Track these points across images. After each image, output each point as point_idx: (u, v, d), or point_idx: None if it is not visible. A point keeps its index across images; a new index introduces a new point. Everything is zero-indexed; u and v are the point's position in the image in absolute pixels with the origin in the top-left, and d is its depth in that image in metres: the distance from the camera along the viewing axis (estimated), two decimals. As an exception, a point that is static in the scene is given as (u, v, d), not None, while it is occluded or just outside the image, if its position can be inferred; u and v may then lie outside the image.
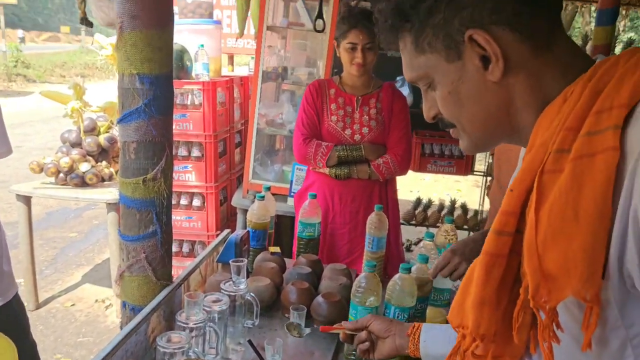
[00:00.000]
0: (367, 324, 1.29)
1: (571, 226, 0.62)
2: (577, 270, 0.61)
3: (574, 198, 0.62)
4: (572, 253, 0.61)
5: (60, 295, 4.03)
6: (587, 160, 0.62)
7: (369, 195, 2.45)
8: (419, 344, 1.19)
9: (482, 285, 0.72)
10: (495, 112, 0.78)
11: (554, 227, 0.63)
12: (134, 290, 1.62)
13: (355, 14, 2.34)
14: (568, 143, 0.65)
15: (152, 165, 1.57)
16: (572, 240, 0.61)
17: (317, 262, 1.97)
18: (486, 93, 0.77)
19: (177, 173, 3.59)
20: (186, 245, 3.80)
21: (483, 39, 0.73)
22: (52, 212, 5.99)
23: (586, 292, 0.61)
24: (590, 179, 0.61)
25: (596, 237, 0.60)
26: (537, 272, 0.65)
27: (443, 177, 7.58)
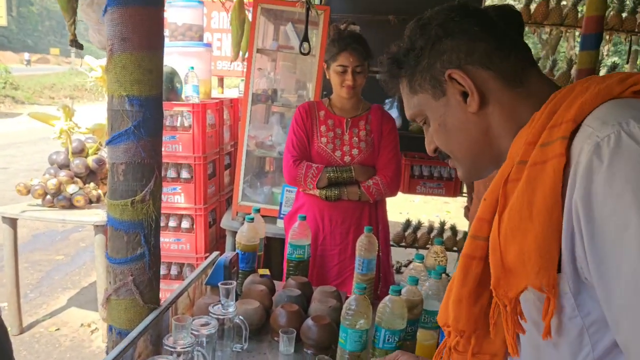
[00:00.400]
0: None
1: (526, 223, 0.71)
2: (531, 262, 0.70)
3: (528, 199, 0.71)
4: (527, 247, 0.70)
5: (45, 320, 3.96)
6: (539, 166, 0.72)
7: (359, 217, 2.45)
8: None
9: (460, 284, 0.82)
10: (477, 139, 0.89)
11: (512, 225, 0.73)
12: (120, 314, 1.59)
13: (345, 37, 2.36)
14: (527, 155, 0.75)
15: (141, 187, 1.56)
16: (527, 236, 0.71)
17: (306, 284, 1.96)
18: (468, 123, 0.88)
19: (166, 195, 3.57)
20: (174, 267, 3.77)
21: (459, 77, 0.86)
22: (38, 234, 5.92)
23: (540, 282, 0.69)
24: (542, 182, 0.71)
25: (547, 231, 0.69)
26: (499, 266, 0.74)
27: (432, 198, 7.61)
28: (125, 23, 1.53)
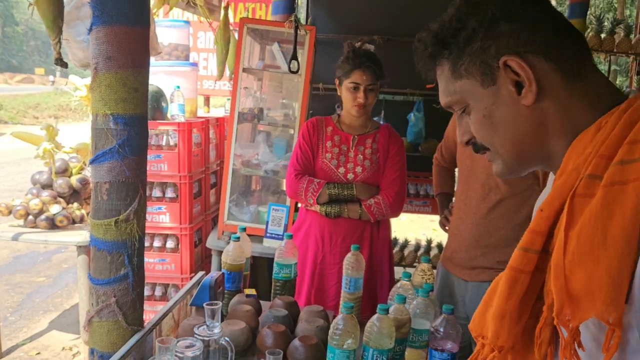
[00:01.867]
0: None
1: (599, 250, 0.65)
2: (601, 294, 0.64)
3: (603, 223, 0.65)
4: (598, 276, 0.64)
5: (25, 344, 3.87)
6: (618, 187, 0.65)
7: (359, 236, 2.43)
8: None
9: (505, 299, 0.75)
10: (527, 136, 0.82)
11: (582, 249, 0.66)
12: (103, 337, 1.56)
13: (360, 54, 2.37)
14: (601, 170, 0.68)
15: (125, 206, 1.54)
16: (599, 264, 0.64)
17: (293, 304, 1.94)
18: (519, 118, 0.81)
19: (150, 214, 3.54)
20: (159, 288, 3.71)
21: (517, 65, 0.78)
22: (19, 256, 5.81)
23: (609, 314, 0.63)
24: (621, 206, 0.64)
25: (622, 262, 0.63)
26: (563, 291, 0.67)
27: (419, 216, 7.61)
28: (110, 42, 1.52)
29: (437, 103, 3.71)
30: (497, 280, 0.79)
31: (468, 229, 2.18)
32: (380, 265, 2.50)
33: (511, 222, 2.11)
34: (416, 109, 4.21)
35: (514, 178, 2.08)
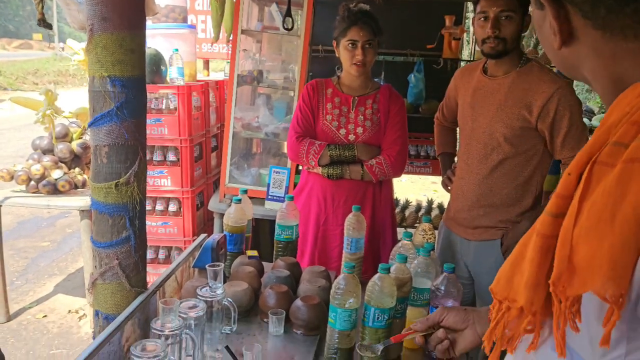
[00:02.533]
0: (440, 319, 1.20)
1: (605, 227, 0.62)
2: (601, 271, 0.62)
3: (614, 200, 0.62)
4: (600, 253, 0.62)
5: (32, 307, 3.93)
6: (638, 165, 0.62)
7: (362, 197, 2.43)
8: None
9: (538, 266, 0.73)
10: (563, 66, 0.81)
11: (590, 223, 0.64)
12: (107, 298, 1.58)
13: (355, 12, 2.33)
14: (628, 138, 0.65)
15: (125, 169, 1.53)
16: (603, 242, 0.62)
17: (295, 265, 1.95)
18: (552, 50, 0.79)
19: (152, 178, 3.54)
20: (162, 251, 3.74)
21: (549, 8, 0.75)
22: (23, 221, 5.85)
23: (606, 291, 0.62)
24: (636, 185, 0.61)
25: (627, 244, 0.61)
26: (565, 261, 0.66)
27: (419, 178, 7.63)
28: (105, 3, 1.50)
29: (437, 64, 3.67)
30: (524, 244, 0.77)
31: (470, 189, 2.17)
32: (383, 226, 2.51)
33: (514, 181, 2.10)
34: (416, 69, 4.16)
35: (516, 138, 2.06)
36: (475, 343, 1.18)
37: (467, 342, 1.18)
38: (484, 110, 2.12)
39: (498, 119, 2.07)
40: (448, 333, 1.20)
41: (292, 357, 1.55)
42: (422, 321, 1.22)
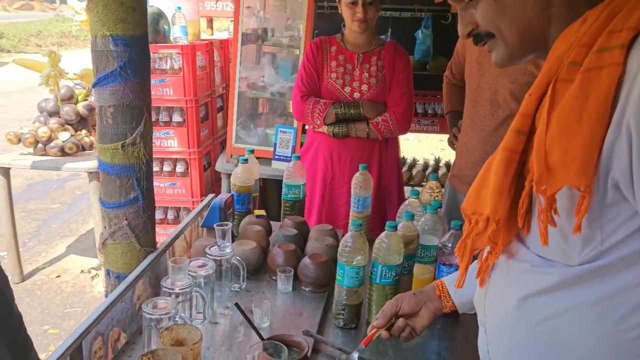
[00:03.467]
0: (397, 310, 1.28)
1: (575, 127, 0.74)
2: (575, 164, 0.73)
3: (580, 103, 0.73)
4: (573, 149, 0.74)
5: (45, 267, 4.00)
6: (594, 72, 0.73)
7: (368, 155, 2.42)
8: (451, 298, 1.24)
9: (502, 177, 0.84)
10: (532, 20, 0.86)
11: (560, 127, 0.75)
12: (117, 258, 1.60)
13: None
14: (581, 57, 0.75)
15: (131, 130, 1.53)
16: (574, 139, 0.74)
17: (303, 223, 1.96)
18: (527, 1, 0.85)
19: (159, 139, 3.54)
20: (171, 212, 3.77)
21: None
22: (33, 183, 5.90)
23: (580, 182, 0.73)
24: (596, 88, 0.72)
25: (593, 138, 0.72)
26: (542, 164, 0.77)
27: (427, 136, 7.59)
28: (104, -42, 1.46)
29: (445, 19, 3.58)
30: (490, 162, 0.89)
31: (476, 146, 2.16)
32: (390, 184, 2.51)
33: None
34: (424, 25, 4.07)
35: (522, 94, 2.03)
36: (432, 318, 1.29)
37: (424, 321, 1.29)
38: (491, 66, 2.09)
39: (504, 74, 2.03)
40: (407, 319, 1.29)
41: (300, 313, 1.57)
42: (381, 316, 1.29)
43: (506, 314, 0.90)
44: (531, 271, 0.86)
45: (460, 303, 1.25)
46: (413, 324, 1.29)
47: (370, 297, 1.51)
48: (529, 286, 0.86)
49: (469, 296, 1.20)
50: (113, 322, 1.36)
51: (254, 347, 1.16)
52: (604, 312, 0.79)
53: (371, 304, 1.51)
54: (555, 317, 0.83)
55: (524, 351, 0.88)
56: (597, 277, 0.79)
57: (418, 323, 1.29)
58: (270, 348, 1.17)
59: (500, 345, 0.94)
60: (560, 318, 0.83)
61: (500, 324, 0.93)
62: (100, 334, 1.30)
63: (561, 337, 0.83)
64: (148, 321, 1.26)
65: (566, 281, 0.81)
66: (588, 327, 0.80)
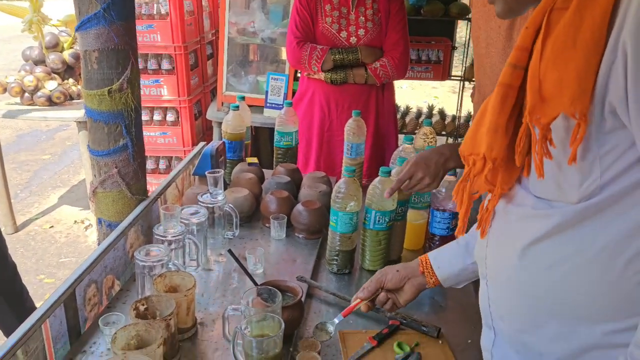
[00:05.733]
0: (381, 285, 1.26)
1: (570, 52, 0.72)
2: (569, 90, 0.72)
3: (575, 29, 0.72)
4: (567, 75, 0.72)
5: (38, 218, 4.00)
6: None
7: (365, 101, 2.39)
8: (435, 274, 1.22)
9: (497, 113, 0.82)
10: None
11: (555, 54, 0.74)
12: (108, 206, 1.58)
13: None
14: None
15: (117, 75, 1.48)
16: (568, 64, 0.72)
17: (295, 170, 1.95)
18: None
19: (148, 87, 3.47)
20: (163, 161, 3.75)
21: None
22: (22, 134, 5.82)
23: (575, 109, 0.72)
24: (591, 13, 0.71)
25: (589, 62, 0.71)
26: (536, 93, 0.76)
27: (420, 84, 7.51)
28: None
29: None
30: (487, 102, 0.86)
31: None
32: (387, 130, 2.49)
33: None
34: (419, -33, 3.94)
35: None
36: (416, 293, 1.26)
37: (408, 295, 1.26)
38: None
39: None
40: (389, 293, 1.27)
41: (294, 259, 1.58)
42: (365, 290, 1.26)
43: (508, 265, 0.89)
44: (531, 215, 0.84)
45: (443, 277, 1.22)
46: (397, 297, 1.27)
47: (363, 243, 1.51)
48: (529, 232, 0.84)
49: (452, 270, 1.21)
50: (106, 270, 1.36)
51: (248, 292, 1.16)
52: (609, 255, 0.77)
53: (364, 250, 1.52)
54: (559, 263, 0.82)
55: (528, 302, 0.87)
56: (599, 215, 0.77)
57: (402, 297, 1.26)
58: (265, 293, 1.17)
59: (502, 298, 0.93)
60: (565, 264, 0.81)
61: (502, 275, 0.92)
62: (93, 282, 1.29)
63: (567, 285, 0.82)
64: (141, 268, 1.26)
65: (567, 222, 0.80)
66: (593, 272, 0.79)
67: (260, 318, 1.09)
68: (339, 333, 1.26)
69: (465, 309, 1.41)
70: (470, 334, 1.29)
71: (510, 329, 0.92)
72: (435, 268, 1.22)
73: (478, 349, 1.24)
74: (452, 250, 1.22)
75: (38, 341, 1.08)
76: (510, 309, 0.91)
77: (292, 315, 1.21)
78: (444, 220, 1.58)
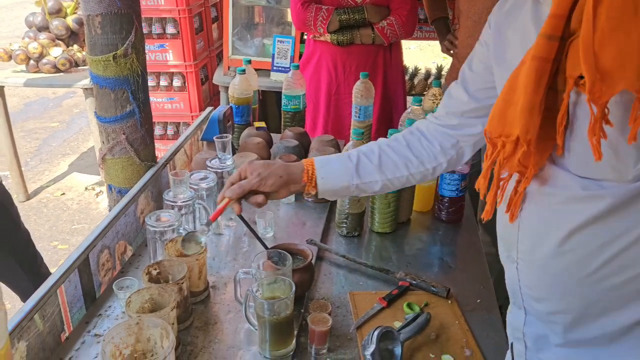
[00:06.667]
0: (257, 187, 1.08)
1: (630, 22, 0.64)
2: (632, 64, 0.64)
3: None
4: (629, 47, 0.64)
5: (49, 186, 4.03)
6: None
7: (373, 62, 2.35)
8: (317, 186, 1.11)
9: (533, 91, 0.73)
10: None
11: (612, 23, 0.65)
12: (118, 173, 1.59)
13: None
14: None
15: (121, 40, 1.47)
16: (630, 35, 0.64)
17: (303, 134, 1.94)
18: None
19: (153, 52, 3.44)
20: (170, 127, 3.74)
21: None
22: (30, 102, 5.82)
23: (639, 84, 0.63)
24: None
25: None
26: (593, 69, 0.67)
27: (429, 44, 7.36)
28: None
29: None
30: (514, 76, 0.77)
31: None
32: (395, 92, 2.46)
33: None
34: None
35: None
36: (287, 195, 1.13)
37: (279, 196, 1.12)
38: None
39: None
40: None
41: (303, 223, 1.58)
42: (235, 188, 1.08)
43: (549, 249, 0.83)
44: (577, 198, 0.78)
45: (323, 190, 1.11)
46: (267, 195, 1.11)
47: (372, 206, 1.52)
48: (575, 217, 0.78)
49: (335, 185, 1.11)
50: (118, 236, 1.38)
51: (259, 255, 1.17)
52: None
53: (374, 212, 1.52)
54: (609, 243, 0.76)
55: (573, 284, 0.82)
56: None
57: (273, 196, 1.12)
58: (275, 256, 1.18)
59: (541, 282, 0.86)
60: (617, 243, 0.76)
61: (539, 259, 0.85)
62: (106, 247, 1.31)
63: (619, 262, 0.77)
64: (152, 234, 1.27)
65: (620, 202, 0.74)
66: None
67: (271, 281, 1.11)
68: (349, 294, 1.28)
69: (475, 269, 1.42)
70: (479, 293, 1.30)
71: (548, 309, 0.87)
72: (318, 178, 1.11)
73: (487, 309, 1.26)
74: (341, 165, 1.12)
75: (54, 306, 1.10)
76: (550, 292, 0.86)
77: (303, 277, 1.23)
78: (453, 181, 1.57)
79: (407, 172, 1.12)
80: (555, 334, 0.87)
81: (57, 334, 1.12)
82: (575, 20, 0.70)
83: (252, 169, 1.10)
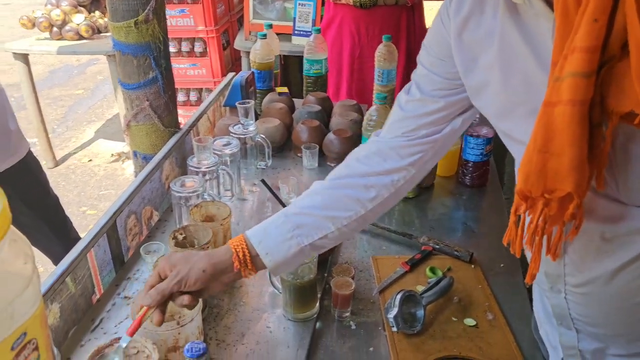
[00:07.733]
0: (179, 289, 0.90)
1: None
2: None
3: None
4: None
5: (76, 152, 4.10)
6: None
7: (396, 24, 2.31)
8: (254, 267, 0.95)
9: (580, 142, 0.63)
10: None
11: None
12: (142, 139, 1.60)
13: None
14: None
15: (142, 6, 1.46)
16: None
17: (326, 99, 1.93)
18: None
19: (174, 18, 3.42)
20: (193, 93, 3.75)
21: None
22: (54, 70, 5.88)
23: None
24: None
25: None
26: None
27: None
28: None
29: None
30: (547, 123, 0.65)
31: None
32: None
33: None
34: None
35: None
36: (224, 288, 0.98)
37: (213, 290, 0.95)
38: None
39: None
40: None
41: (327, 188, 1.58)
42: (153, 294, 0.89)
43: (603, 282, 0.77)
44: (634, 230, 0.71)
45: (275, 267, 0.95)
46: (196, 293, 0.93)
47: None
48: (631, 249, 0.72)
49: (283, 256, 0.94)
50: (144, 201, 1.40)
51: (282, 220, 1.18)
52: None
53: (397, 177, 1.51)
54: None
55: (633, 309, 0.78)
56: None
57: (203, 294, 0.94)
58: (298, 221, 1.19)
59: (595, 311, 0.82)
60: None
61: (592, 292, 0.80)
62: (133, 212, 1.33)
63: None
64: (177, 199, 1.29)
65: None
66: None
67: (294, 245, 1.11)
68: (372, 258, 1.29)
69: (499, 234, 1.41)
70: (502, 258, 1.30)
71: (605, 332, 0.83)
72: (263, 256, 0.94)
73: (510, 273, 1.25)
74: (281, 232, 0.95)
75: (85, 269, 1.13)
76: (607, 319, 0.81)
77: (326, 242, 1.24)
78: (478, 146, 1.55)
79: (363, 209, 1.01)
80: (616, 347, 0.85)
81: (89, 296, 1.15)
82: (614, 47, 0.60)
83: (171, 267, 0.91)
